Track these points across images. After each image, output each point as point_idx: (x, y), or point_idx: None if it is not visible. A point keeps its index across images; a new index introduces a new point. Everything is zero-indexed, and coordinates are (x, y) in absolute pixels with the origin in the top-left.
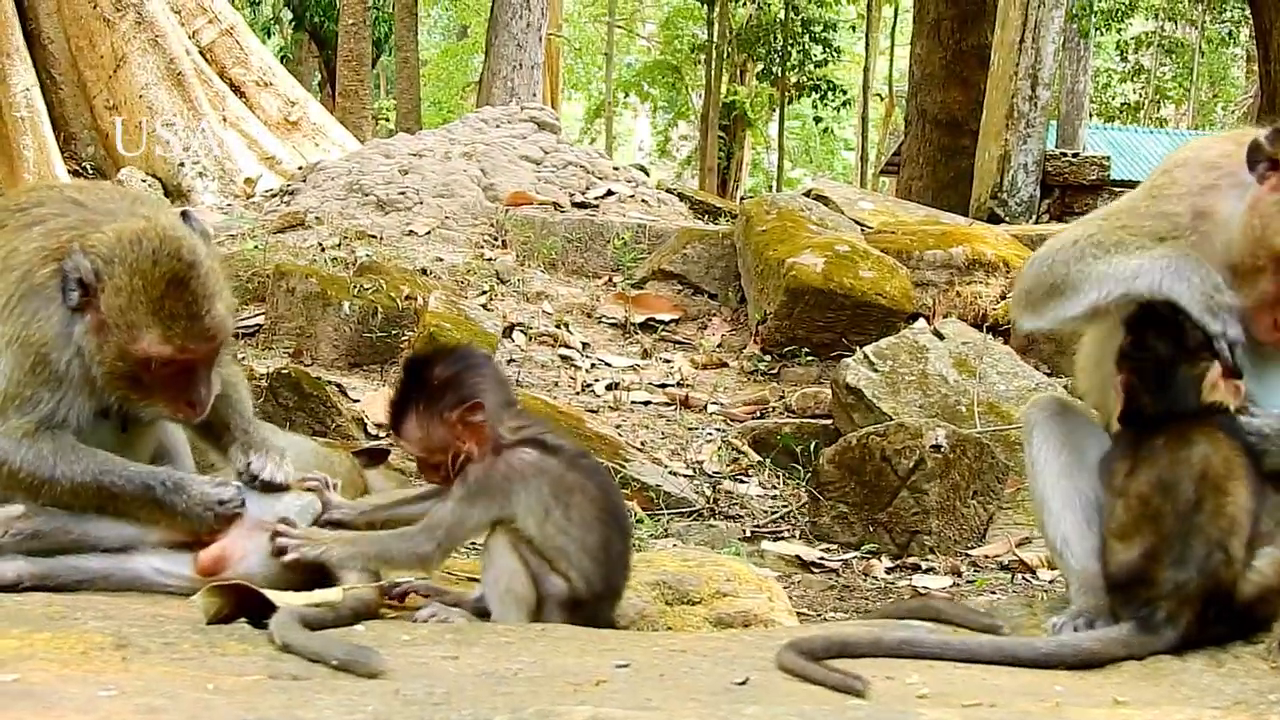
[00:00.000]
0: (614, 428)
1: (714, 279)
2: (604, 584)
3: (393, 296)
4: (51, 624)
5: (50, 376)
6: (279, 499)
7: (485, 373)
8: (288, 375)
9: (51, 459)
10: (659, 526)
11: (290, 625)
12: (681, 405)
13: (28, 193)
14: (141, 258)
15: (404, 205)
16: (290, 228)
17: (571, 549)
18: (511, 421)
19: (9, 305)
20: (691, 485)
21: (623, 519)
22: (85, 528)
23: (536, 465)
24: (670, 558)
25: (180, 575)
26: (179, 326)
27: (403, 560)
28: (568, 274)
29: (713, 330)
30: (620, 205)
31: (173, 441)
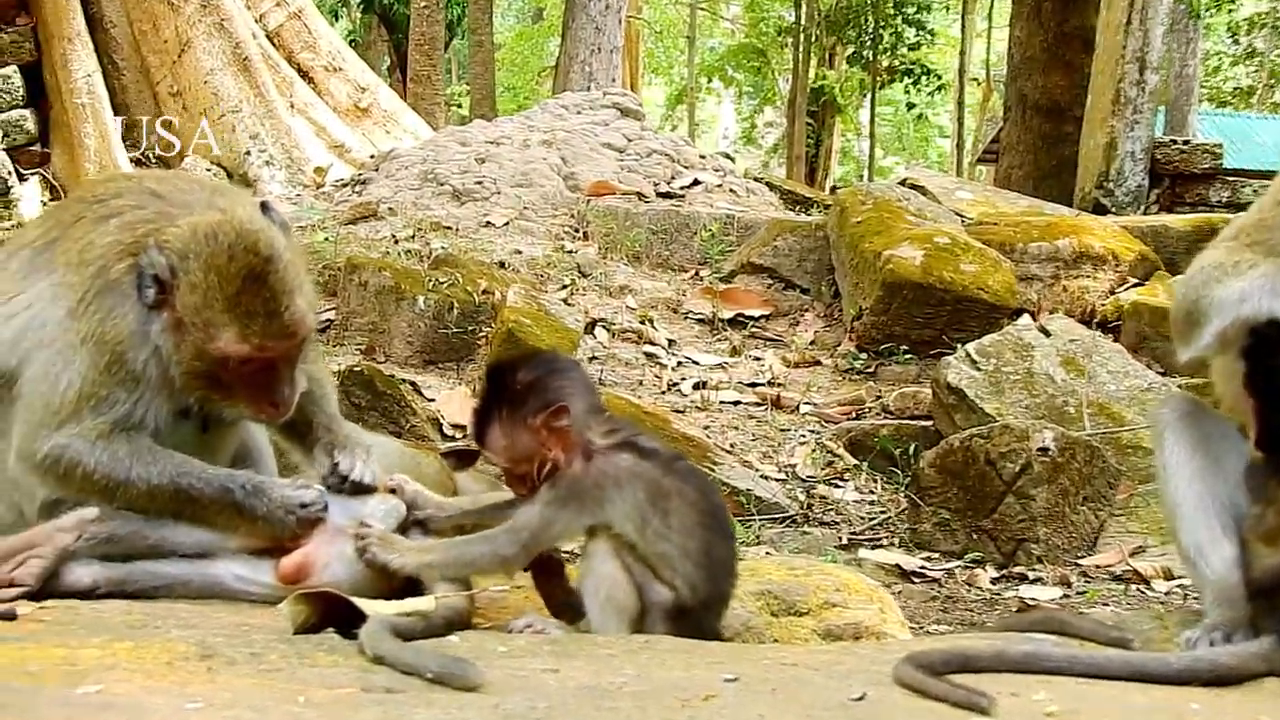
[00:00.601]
0: (702, 429)
1: (806, 272)
2: (710, 591)
3: (469, 291)
4: (133, 633)
5: (127, 376)
6: (363, 503)
7: (571, 377)
8: (360, 373)
9: (127, 461)
10: (750, 533)
11: (382, 635)
12: (773, 405)
13: (105, 183)
14: (217, 253)
15: (481, 195)
16: (362, 219)
17: (674, 555)
18: (601, 426)
19: (84, 301)
20: (784, 490)
21: (724, 523)
22: (162, 532)
23: (631, 470)
24: (775, 566)
25: (262, 583)
26: (256, 324)
27: (484, 564)
28: (652, 267)
29: (805, 326)
30: (707, 195)
31: (255, 442)
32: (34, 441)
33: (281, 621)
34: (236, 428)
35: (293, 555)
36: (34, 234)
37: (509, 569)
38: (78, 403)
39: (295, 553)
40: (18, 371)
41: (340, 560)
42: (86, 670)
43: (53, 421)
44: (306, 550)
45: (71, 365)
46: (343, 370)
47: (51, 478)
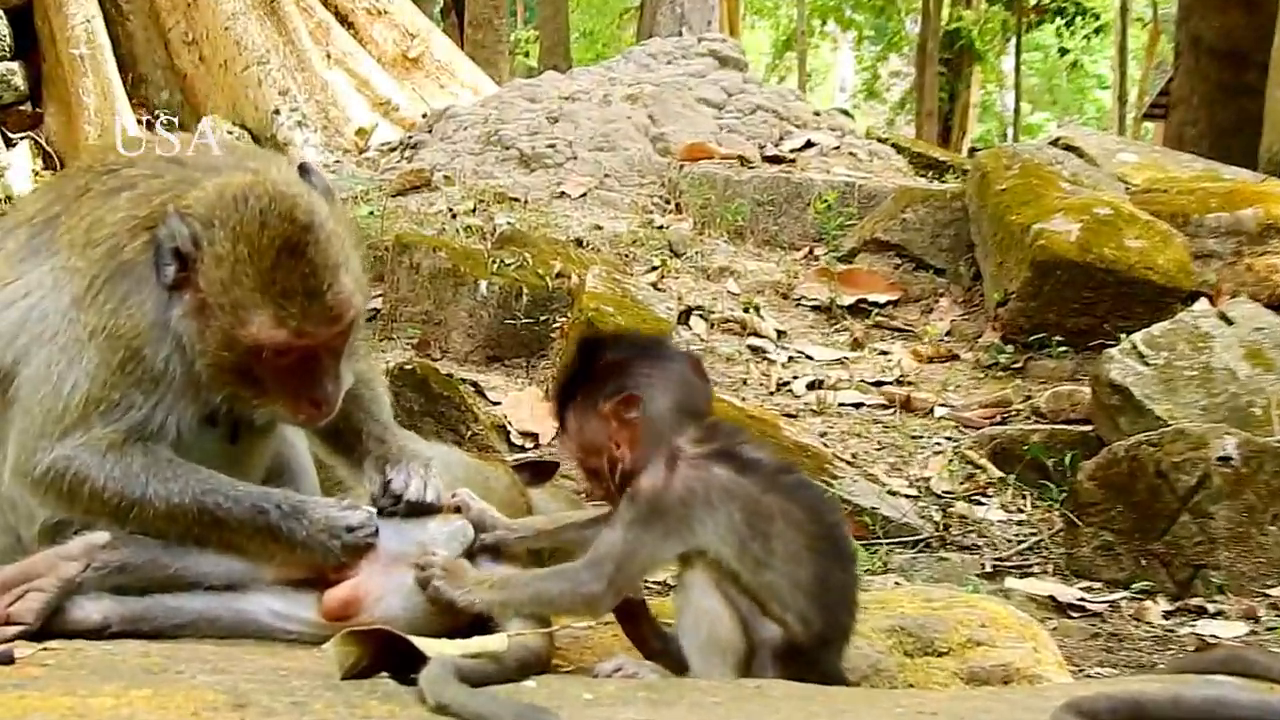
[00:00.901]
0: (818, 436)
1: (940, 250)
2: (827, 626)
3: (541, 274)
4: (152, 678)
5: (144, 375)
6: (422, 526)
7: (664, 367)
8: (412, 372)
9: (143, 476)
10: (877, 560)
11: (445, 680)
12: (902, 408)
13: (115, 150)
14: (247, 219)
15: (553, 161)
16: (413, 189)
17: (782, 586)
18: (694, 431)
19: (93, 289)
20: (916, 508)
21: (842, 545)
22: (185, 561)
23: (724, 487)
24: (908, 598)
25: (303, 620)
26: (294, 305)
27: (566, 603)
28: (758, 245)
29: (940, 314)
30: (822, 159)
31: (293, 455)
32: (34, 454)
33: (327, 664)
34: (271, 437)
35: (339, 587)
36: (32, 210)
37: (595, 609)
38: (85, 408)
39: (342, 584)
40: (14, 372)
41: (395, 592)
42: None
43: (55, 430)
44: (355, 581)
45: (78, 364)
46: (391, 369)
47: (53, 496)
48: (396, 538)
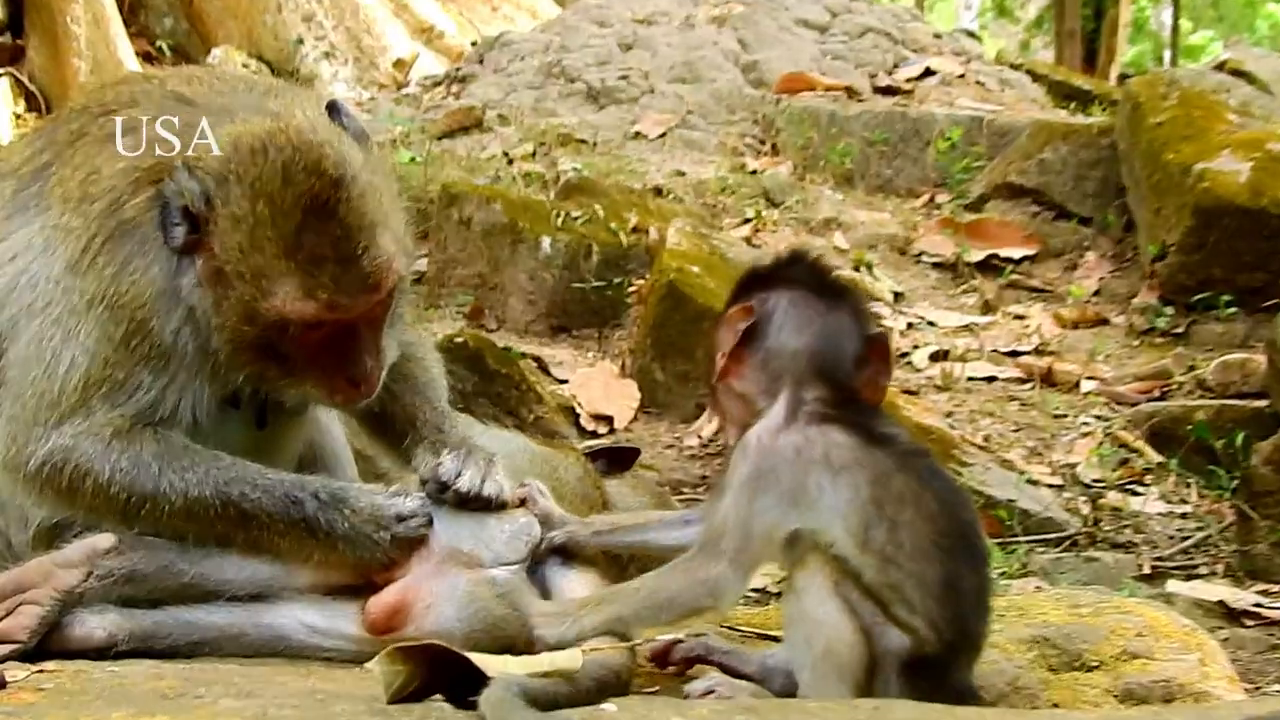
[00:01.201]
0: (943, 416)
1: (1085, 195)
2: (957, 633)
3: (613, 229)
4: (166, 704)
5: (151, 351)
6: (480, 522)
7: (818, 308)
8: (463, 345)
9: (155, 466)
10: (1015, 560)
11: (509, 704)
12: (1042, 382)
13: (115, 87)
14: (267, 174)
15: (626, 95)
16: (462, 130)
17: (908, 585)
18: (825, 392)
19: (90, 251)
20: (1060, 500)
21: (975, 546)
22: (203, 567)
23: (851, 456)
24: (1052, 604)
25: (343, 634)
26: (325, 273)
27: (688, 600)
28: (869, 192)
29: (1086, 271)
30: (944, 90)
31: (329, 442)
32: (26, 445)
33: (371, 686)
34: (303, 421)
35: (384, 594)
36: (18, 160)
37: (722, 596)
38: (85, 389)
39: (388, 590)
40: (1, 349)
41: (450, 598)
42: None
43: (51, 416)
44: (403, 586)
45: (74, 339)
46: (440, 342)
47: (51, 493)
48: (452, 535)
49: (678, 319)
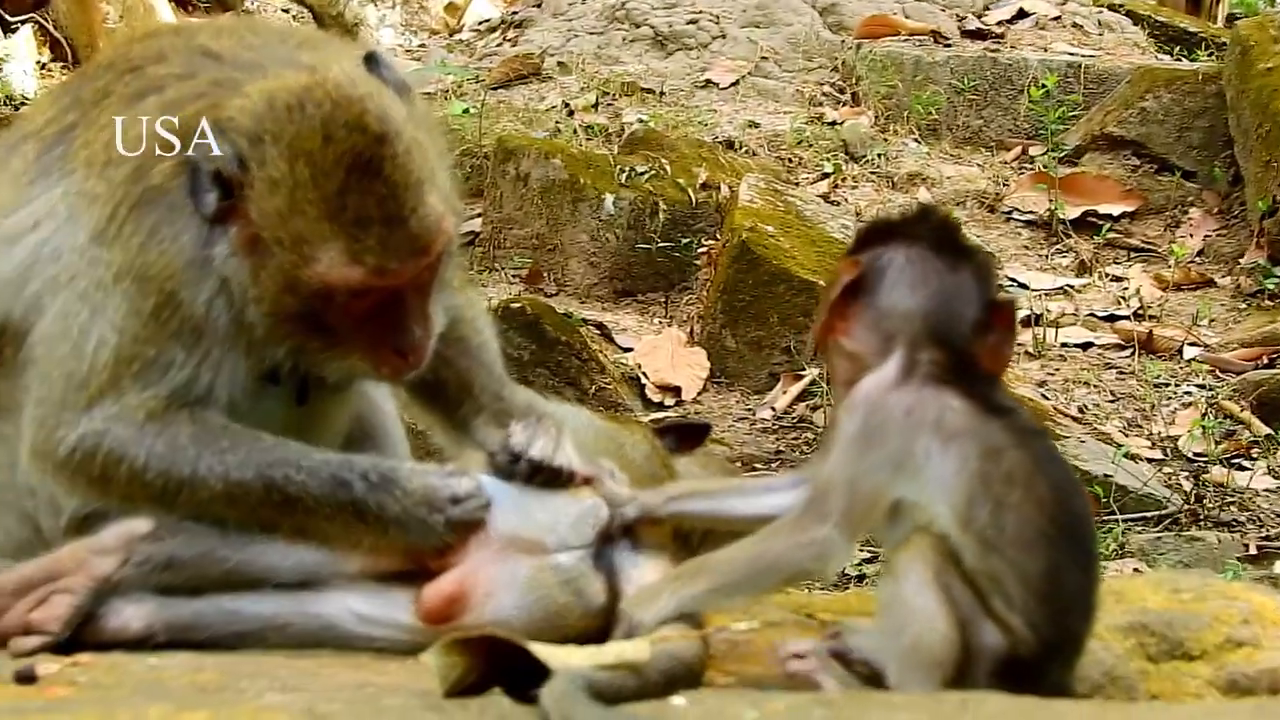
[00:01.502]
0: (1035, 385)
1: (1189, 148)
2: (1057, 633)
3: (682, 185)
4: (208, 698)
5: (183, 325)
6: (544, 504)
7: (937, 266)
8: (520, 311)
9: (192, 449)
10: (1112, 540)
11: (574, 697)
12: (1142, 348)
13: (143, 42)
14: (305, 133)
15: (696, 41)
16: (519, 80)
17: (1009, 577)
18: (939, 355)
19: (116, 219)
20: (1160, 475)
21: (1084, 538)
22: (246, 553)
23: (962, 421)
24: (1151, 588)
25: (396, 623)
26: (371, 236)
27: (792, 563)
28: (956, 144)
29: (1190, 229)
30: (1038, 33)
31: (378, 417)
32: (56, 430)
33: (425, 679)
34: (348, 396)
35: (440, 581)
36: (42, 119)
37: (828, 558)
38: (115, 368)
39: (444, 577)
40: (26, 325)
41: (510, 586)
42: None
43: (80, 399)
44: (460, 573)
45: (102, 314)
46: (494, 307)
47: (83, 480)
48: (512, 517)
49: (750, 282)
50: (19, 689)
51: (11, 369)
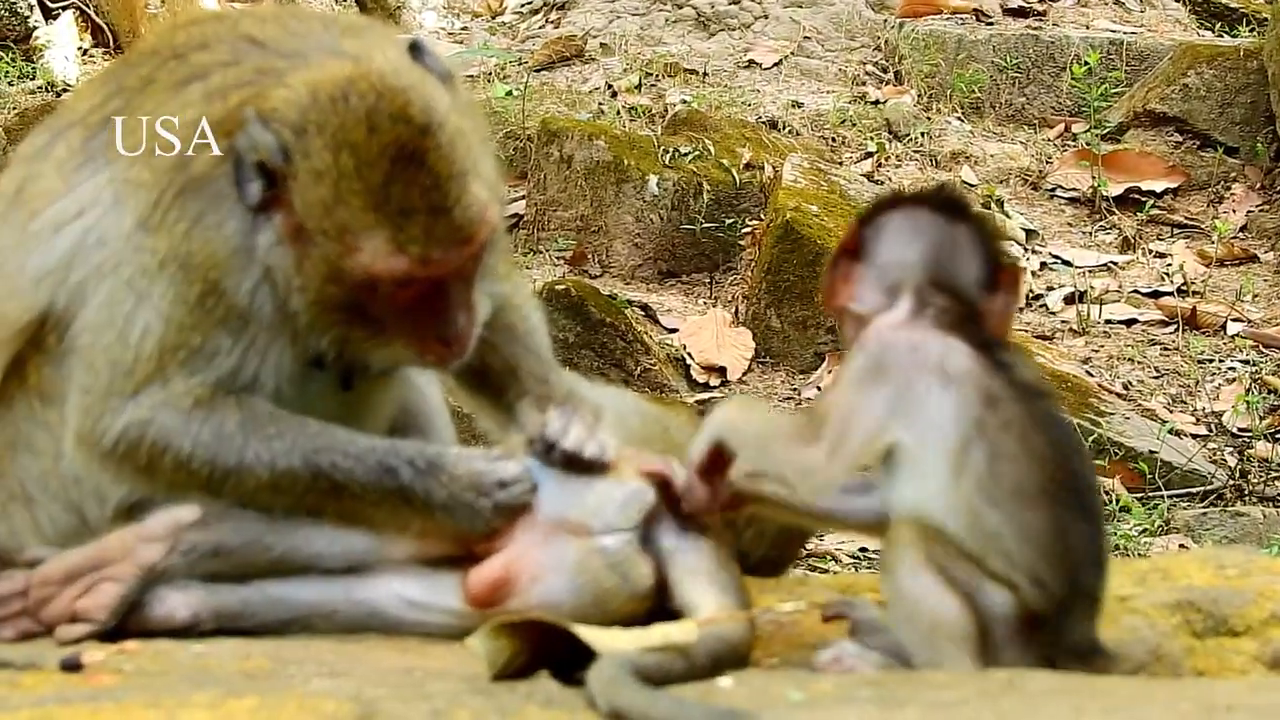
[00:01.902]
0: (1079, 362)
1: (1232, 124)
2: (1065, 587)
3: (726, 165)
4: (255, 684)
5: (228, 313)
6: (591, 487)
7: (933, 218)
8: (565, 293)
9: (239, 437)
10: (1156, 516)
11: (620, 680)
12: (1186, 324)
13: (187, 29)
14: (349, 122)
15: (738, 21)
16: (562, 61)
17: (1005, 532)
18: (948, 302)
19: (160, 206)
20: (1205, 451)
21: (1086, 496)
22: (294, 540)
23: (965, 365)
24: (1196, 565)
25: (443, 607)
26: (415, 226)
27: (779, 465)
28: (1000, 122)
29: (1233, 204)
30: (1080, 10)
31: (423, 402)
32: (101, 418)
33: (472, 663)
34: (393, 381)
35: (487, 565)
36: (86, 106)
37: (810, 482)
38: (160, 356)
39: (491, 561)
40: (70, 315)
41: (557, 569)
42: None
43: (126, 387)
44: (507, 557)
45: (147, 301)
46: (539, 289)
47: (129, 469)
48: (558, 502)
49: (795, 262)
50: (65, 677)
51: (56, 357)
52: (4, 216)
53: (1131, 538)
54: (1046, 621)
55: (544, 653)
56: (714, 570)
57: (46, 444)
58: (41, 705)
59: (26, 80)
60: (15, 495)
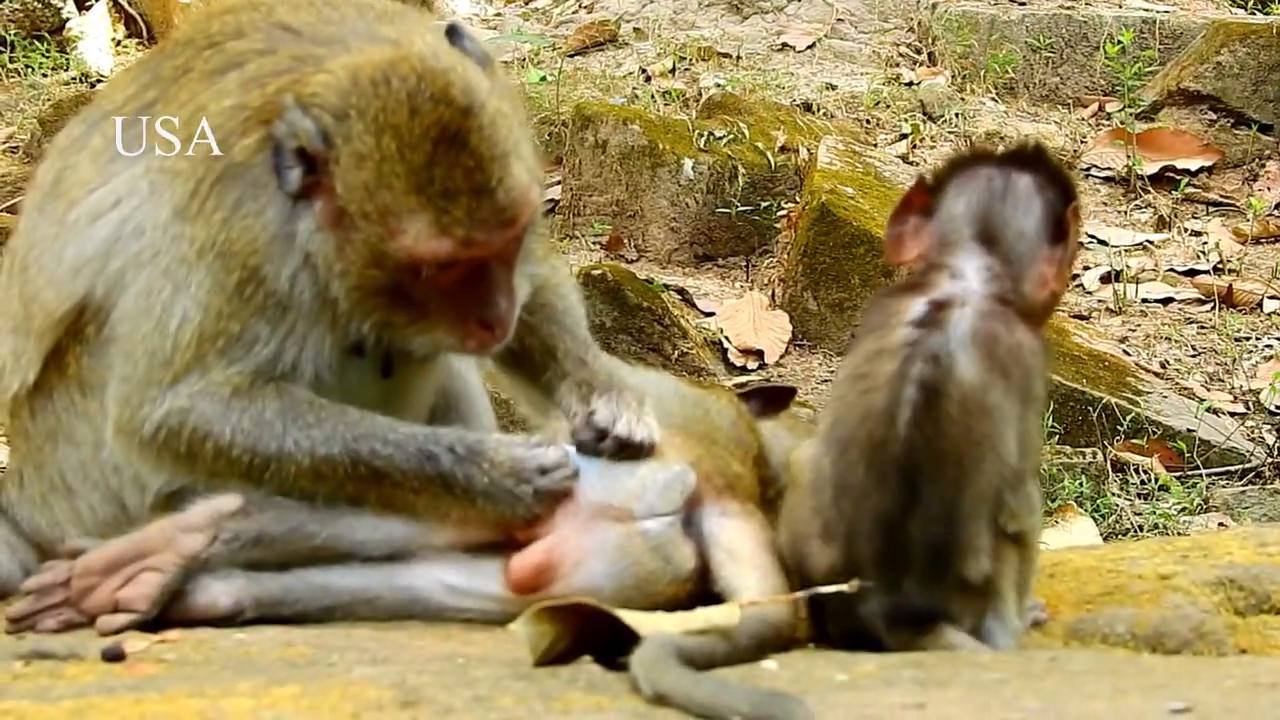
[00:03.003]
0: (1116, 341)
1: (1266, 101)
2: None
3: (760, 148)
4: (297, 672)
5: (266, 300)
6: (632, 472)
7: (985, 173)
8: (601, 278)
9: (279, 424)
10: (1195, 495)
11: (664, 663)
12: (1222, 303)
13: (220, 17)
14: (391, 107)
15: (772, 4)
16: (595, 46)
17: (828, 484)
18: (990, 254)
19: (198, 195)
20: (1243, 429)
21: (902, 467)
22: (336, 528)
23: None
24: (1238, 542)
25: (485, 594)
26: (459, 207)
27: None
28: (1034, 102)
29: (1268, 182)
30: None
31: (463, 388)
32: (140, 407)
33: (515, 648)
34: (433, 368)
35: (529, 551)
36: (122, 96)
37: None
38: (199, 345)
39: (533, 547)
40: (109, 302)
41: (599, 554)
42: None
43: (165, 376)
44: (549, 543)
45: (185, 290)
46: (576, 274)
47: (169, 458)
48: (600, 487)
49: (831, 244)
50: (107, 667)
51: (95, 347)
52: (41, 208)
53: (1171, 516)
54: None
55: (587, 637)
56: (756, 552)
57: (86, 434)
58: (84, 695)
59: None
60: (56, 486)
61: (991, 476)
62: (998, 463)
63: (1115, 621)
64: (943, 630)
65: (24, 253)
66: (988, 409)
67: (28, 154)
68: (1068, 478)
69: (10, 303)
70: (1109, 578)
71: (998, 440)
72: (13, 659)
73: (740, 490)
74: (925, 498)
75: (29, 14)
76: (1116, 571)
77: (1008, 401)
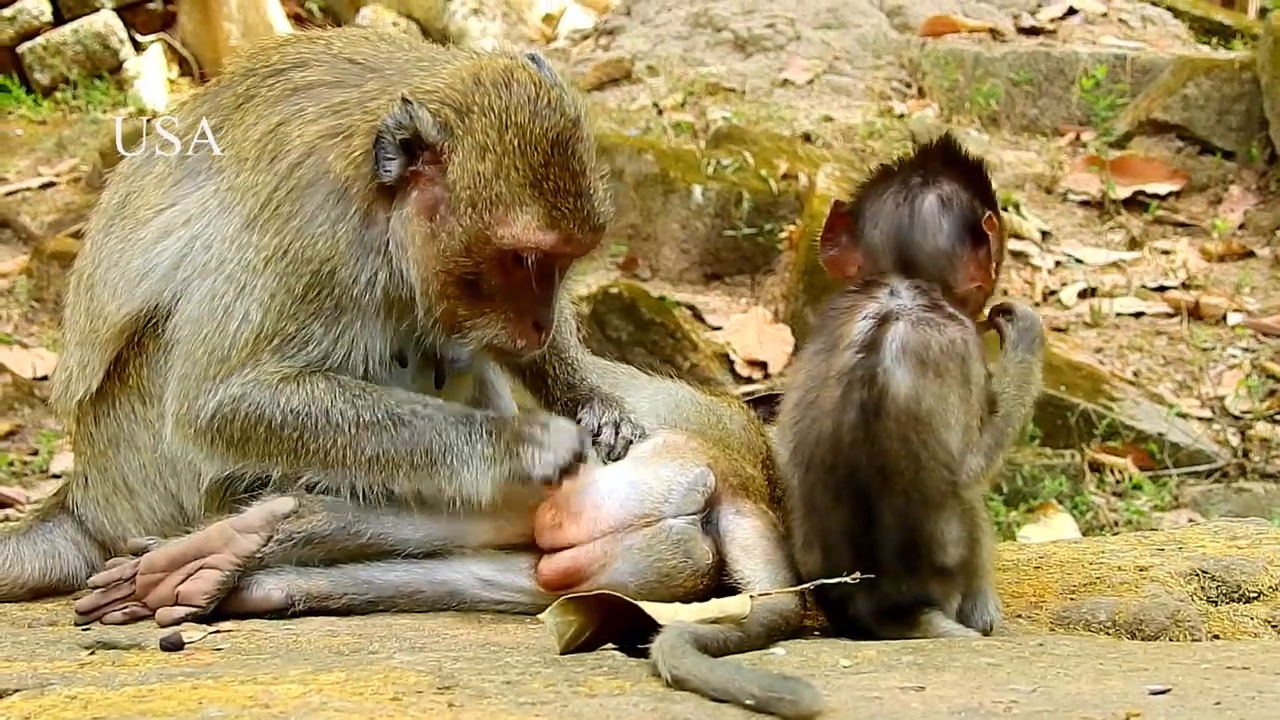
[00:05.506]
0: (1093, 352)
1: (1229, 130)
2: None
3: (764, 175)
4: (342, 660)
5: (329, 303)
6: (654, 471)
7: (895, 191)
8: (617, 295)
9: (326, 399)
10: (1166, 493)
11: (682, 650)
12: (1190, 316)
13: (280, 49)
14: (515, 105)
15: (773, 43)
16: (611, 82)
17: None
18: (911, 282)
19: (270, 205)
20: (1210, 432)
21: (852, 486)
22: (381, 527)
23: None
24: (1210, 536)
25: (516, 587)
26: (567, 205)
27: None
28: (1015, 132)
29: (1231, 204)
30: (1087, 28)
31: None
32: (197, 399)
33: (544, 637)
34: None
35: (558, 559)
36: (180, 127)
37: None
38: (255, 344)
39: (561, 555)
40: (172, 309)
41: (626, 557)
42: (285, 713)
43: (220, 370)
44: (575, 554)
45: (248, 294)
46: (595, 292)
47: (223, 444)
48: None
49: None
50: (166, 656)
51: (155, 357)
52: (107, 229)
53: (1144, 513)
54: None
55: (610, 626)
56: (767, 548)
57: (146, 440)
58: (145, 682)
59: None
60: (118, 487)
61: (937, 477)
62: (939, 469)
63: (1097, 609)
64: (930, 617)
65: (90, 270)
66: (922, 417)
67: (90, 184)
68: (1048, 477)
69: (78, 319)
70: (1091, 569)
71: (935, 443)
72: (79, 648)
73: (753, 490)
74: (879, 510)
75: (89, 55)
76: (1098, 564)
77: (949, 393)
